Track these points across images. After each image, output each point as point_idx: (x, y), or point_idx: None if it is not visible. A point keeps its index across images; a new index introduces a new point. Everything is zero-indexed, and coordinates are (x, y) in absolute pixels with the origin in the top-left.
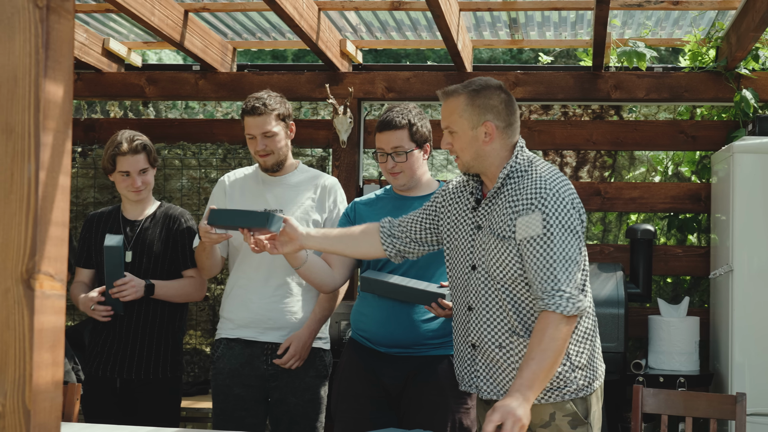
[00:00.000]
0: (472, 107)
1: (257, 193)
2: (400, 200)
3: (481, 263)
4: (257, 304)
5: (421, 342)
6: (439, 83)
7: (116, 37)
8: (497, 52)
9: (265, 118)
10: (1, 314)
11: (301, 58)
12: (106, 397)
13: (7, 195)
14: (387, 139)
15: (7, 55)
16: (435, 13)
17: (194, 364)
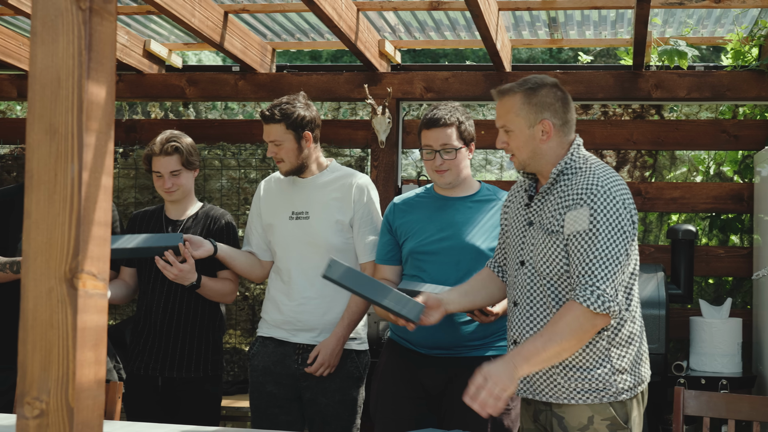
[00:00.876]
0: (528, 105)
1: (286, 196)
2: (441, 200)
3: (529, 259)
4: (288, 306)
5: (461, 343)
6: (477, 83)
7: (157, 38)
8: (536, 51)
9: (272, 127)
10: (44, 313)
11: (339, 59)
12: (148, 396)
13: (51, 195)
14: (436, 136)
15: (50, 57)
16: (474, 13)
17: (234, 363)
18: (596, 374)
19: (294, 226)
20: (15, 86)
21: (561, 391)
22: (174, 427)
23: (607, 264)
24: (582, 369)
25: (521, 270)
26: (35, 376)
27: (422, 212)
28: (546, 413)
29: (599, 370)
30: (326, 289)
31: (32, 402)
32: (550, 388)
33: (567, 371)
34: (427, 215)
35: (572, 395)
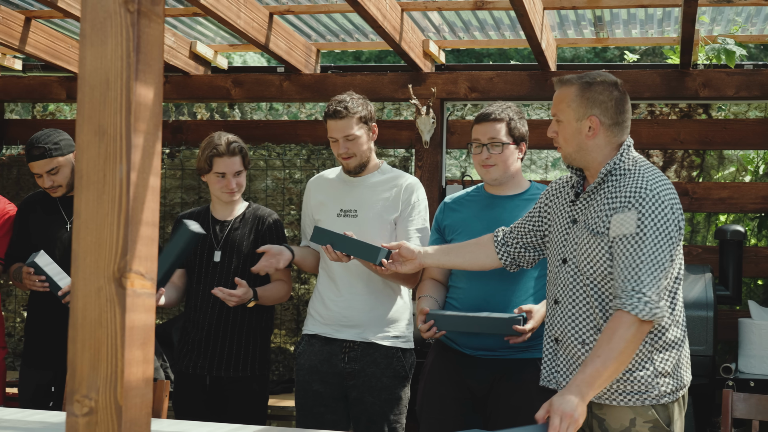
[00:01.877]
0: (580, 99)
1: (337, 195)
2: (489, 199)
3: (572, 257)
4: (335, 302)
5: (507, 345)
6: (522, 83)
7: (203, 40)
8: (581, 50)
9: (347, 121)
10: (93, 312)
11: (383, 59)
12: (195, 395)
13: (100, 196)
14: (484, 129)
15: (99, 59)
16: (519, 12)
17: (279, 363)
18: (638, 376)
19: (341, 224)
20: (64, 88)
21: (602, 392)
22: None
23: (652, 269)
24: (623, 370)
25: (563, 268)
26: (84, 375)
27: (470, 211)
28: (587, 415)
29: (641, 372)
30: (373, 285)
31: (81, 400)
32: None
33: None
34: (474, 213)
35: (613, 396)
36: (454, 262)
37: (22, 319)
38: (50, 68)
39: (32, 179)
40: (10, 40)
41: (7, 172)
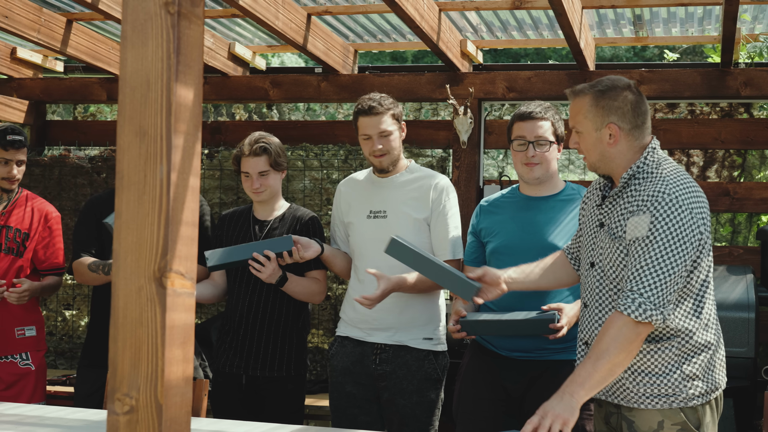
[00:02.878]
0: (596, 108)
1: (366, 196)
2: (525, 200)
3: (599, 261)
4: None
5: (542, 346)
6: (560, 82)
7: (241, 41)
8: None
9: (381, 117)
10: (134, 311)
11: (420, 60)
12: (232, 394)
13: (141, 196)
14: (531, 127)
15: (140, 61)
16: (557, 12)
17: (316, 363)
18: (666, 380)
19: (371, 225)
20: (105, 89)
21: (630, 395)
22: (258, 425)
23: (657, 273)
24: (651, 374)
25: (591, 271)
26: (125, 373)
27: (506, 213)
28: (616, 416)
29: (669, 376)
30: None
31: (122, 398)
32: (621, 391)
33: (636, 376)
34: (510, 215)
35: (641, 399)
36: (539, 284)
37: (63, 318)
38: (91, 70)
39: (74, 180)
40: (52, 42)
41: (49, 173)
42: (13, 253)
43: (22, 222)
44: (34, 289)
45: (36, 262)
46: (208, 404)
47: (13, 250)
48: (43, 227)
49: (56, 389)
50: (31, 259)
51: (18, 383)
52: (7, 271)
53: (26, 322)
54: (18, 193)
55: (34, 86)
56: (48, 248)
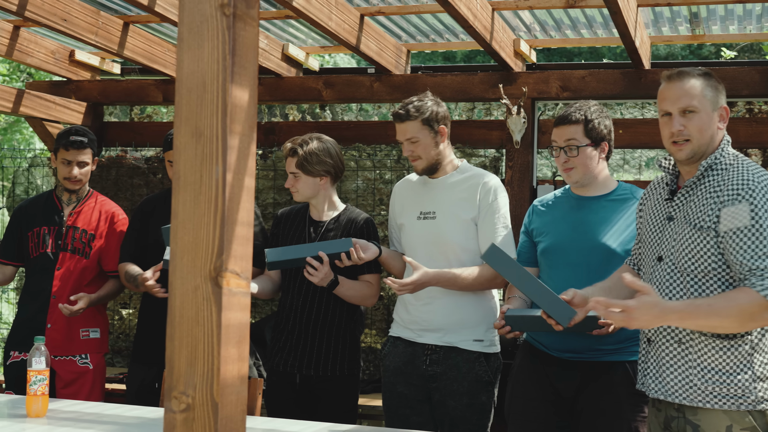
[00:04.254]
0: (712, 90)
1: (417, 197)
2: (576, 200)
3: (669, 255)
4: (414, 305)
5: (594, 347)
6: (615, 81)
7: (295, 42)
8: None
9: (407, 124)
10: (190, 310)
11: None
12: (286, 393)
13: (197, 196)
14: (561, 132)
15: (196, 62)
16: (612, 10)
17: (369, 363)
18: (736, 380)
19: (422, 226)
20: (160, 91)
21: (696, 394)
22: (311, 424)
23: None
24: (721, 373)
25: (658, 266)
26: (182, 371)
27: (557, 212)
28: (679, 420)
29: (739, 376)
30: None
31: (179, 396)
32: (685, 389)
33: (705, 373)
34: (561, 215)
35: (707, 399)
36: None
37: (120, 317)
38: (147, 72)
39: (131, 180)
40: (109, 45)
41: (107, 174)
42: (79, 253)
43: (89, 223)
44: (90, 302)
45: (102, 263)
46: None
47: (79, 250)
48: (109, 229)
49: (113, 387)
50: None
51: (76, 381)
52: (72, 272)
53: (91, 323)
54: (88, 194)
55: (92, 88)
56: (112, 250)
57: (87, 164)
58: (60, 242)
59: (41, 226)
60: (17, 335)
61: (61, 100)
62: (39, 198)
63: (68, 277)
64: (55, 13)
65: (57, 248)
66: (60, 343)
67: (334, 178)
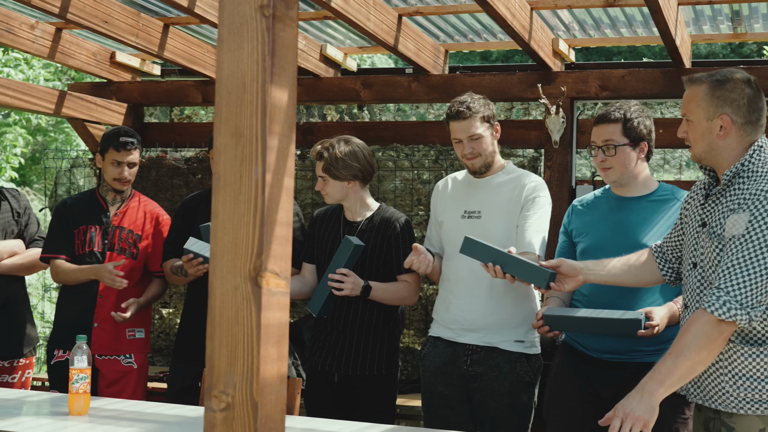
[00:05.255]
0: (710, 98)
1: (461, 196)
2: (616, 200)
3: (701, 261)
4: (455, 305)
5: (634, 348)
6: (655, 81)
7: (333, 42)
8: (716, 46)
9: (469, 121)
10: (230, 310)
11: (510, 59)
12: (324, 392)
13: (236, 196)
14: (600, 132)
15: (236, 63)
16: (652, 9)
17: (407, 363)
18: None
19: (465, 225)
20: (200, 92)
21: (730, 400)
22: (350, 424)
23: (749, 272)
24: (753, 378)
25: (693, 272)
26: (222, 371)
27: (597, 213)
28: (715, 422)
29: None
30: (495, 288)
31: (219, 395)
32: (720, 395)
33: (737, 380)
34: (601, 216)
35: (741, 404)
36: (618, 279)
37: (160, 316)
38: (187, 73)
39: (171, 180)
40: (149, 47)
41: (147, 174)
42: (126, 253)
43: (135, 223)
44: (139, 307)
45: (148, 264)
46: (302, 402)
47: (125, 250)
48: (155, 230)
49: (153, 385)
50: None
51: (121, 381)
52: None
53: (137, 324)
54: (131, 194)
55: (133, 89)
56: (157, 251)
57: (136, 165)
58: (106, 242)
59: (87, 224)
60: (62, 334)
61: (102, 101)
62: (82, 196)
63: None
64: (97, 15)
65: (104, 248)
66: (106, 342)
67: (363, 181)
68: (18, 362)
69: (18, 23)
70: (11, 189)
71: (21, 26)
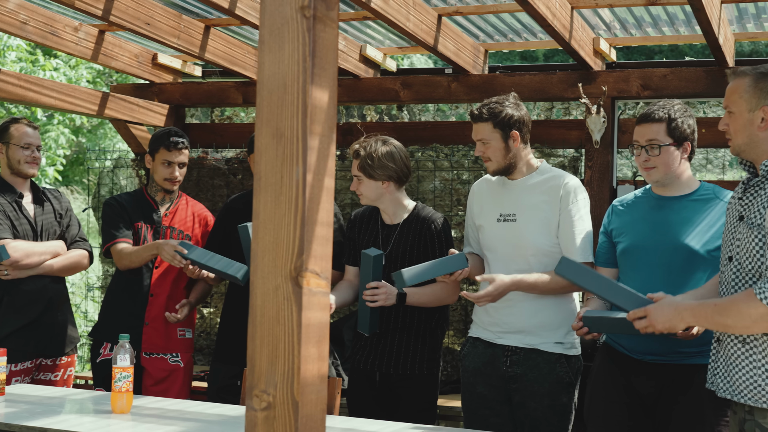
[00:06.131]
0: (753, 89)
1: (496, 199)
2: (657, 200)
3: (736, 254)
4: (495, 307)
5: (676, 349)
6: (698, 80)
7: (372, 43)
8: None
9: (479, 125)
10: (271, 310)
11: (550, 58)
12: (365, 391)
13: (277, 197)
14: (643, 131)
15: (277, 64)
16: (695, 7)
17: (447, 363)
18: None
19: (502, 228)
20: (240, 93)
21: (761, 395)
22: (389, 424)
23: None
24: None
25: (729, 266)
26: (263, 370)
27: (637, 213)
28: (750, 423)
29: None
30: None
31: (260, 395)
32: (750, 389)
33: None
34: (641, 215)
35: None
36: None
37: (201, 315)
38: (227, 74)
39: (211, 181)
40: (191, 48)
41: (188, 174)
42: None
43: (184, 224)
44: (191, 308)
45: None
46: (343, 401)
47: None
48: (203, 231)
49: (195, 384)
50: None
51: (167, 379)
52: (169, 271)
53: (187, 324)
54: (179, 195)
55: (174, 91)
56: None
57: (185, 164)
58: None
59: (139, 221)
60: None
61: (144, 103)
62: (130, 195)
63: (166, 276)
64: (139, 18)
65: None
66: (156, 341)
67: (398, 183)
68: (60, 360)
69: (62, 26)
70: (53, 190)
71: (65, 28)
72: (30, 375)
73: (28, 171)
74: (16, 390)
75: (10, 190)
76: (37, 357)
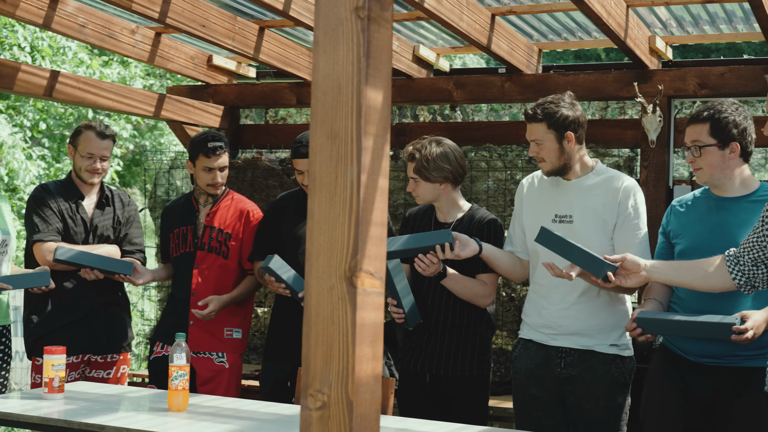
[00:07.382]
0: None
1: (551, 198)
2: (715, 201)
3: None
4: (548, 310)
5: (733, 352)
6: (756, 78)
7: (425, 43)
8: None
9: (533, 126)
10: (326, 309)
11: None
12: (416, 392)
13: (332, 197)
14: (690, 132)
15: (331, 65)
16: (753, 4)
17: (500, 364)
18: None
19: (557, 229)
20: (294, 94)
21: None
22: (443, 425)
23: None
24: None
25: None
26: (318, 370)
27: (695, 213)
28: None
29: None
30: (588, 293)
31: (315, 394)
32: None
33: None
34: (699, 216)
35: None
36: (683, 280)
37: (255, 315)
38: (281, 75)
39: (266, 181)
40: (245, 50)
41: (242, 175)
42: (216, 252)
43: (225, 222)
44: (222, 304)
45: (242, 261)
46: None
47: (216, 249)
48: (244, 226)
49: (248, 383)
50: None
51: (213, 380)
52: (210, 271)
53: (236, 324)
54: (224, 193)
55: (229, 92)
56: (247, 245)
57: (226, 167)
58: (197, 241)
59: (181, 227)
60: (163, 331)
61: (199, 104)
62: (179, 200)
63: (207, 275)
64: (195, 20)
65: (194, 247)
66: (200, 340)
67: (454, 183)
68: (112, 358)
69: (119, 28)
70: (122, 194)
71: (122, 31)
72: (77, 370)
73: (88, 180)
74: (75, 387)
75: (73, 190)
76: (83, 353)
